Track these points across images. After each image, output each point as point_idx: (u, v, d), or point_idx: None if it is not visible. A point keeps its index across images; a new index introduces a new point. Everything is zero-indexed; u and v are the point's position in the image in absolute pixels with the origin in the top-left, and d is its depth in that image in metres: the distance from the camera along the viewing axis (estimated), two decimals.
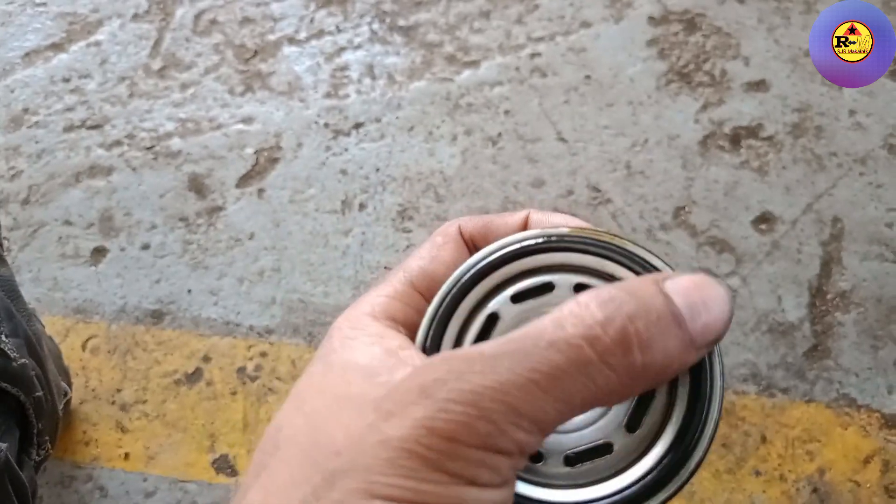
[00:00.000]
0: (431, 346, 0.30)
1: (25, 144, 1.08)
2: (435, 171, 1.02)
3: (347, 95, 1.08)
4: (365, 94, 1.08)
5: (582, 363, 0.25)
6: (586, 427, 0.28)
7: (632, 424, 0.27)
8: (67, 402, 0.82)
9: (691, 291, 0.26)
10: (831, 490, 0.81)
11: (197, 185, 1.03)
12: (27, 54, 1.16)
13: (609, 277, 0.29)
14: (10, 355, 0.67)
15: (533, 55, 1.10)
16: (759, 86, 1.05)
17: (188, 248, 0.98)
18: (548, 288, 0.29)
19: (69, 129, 1.09)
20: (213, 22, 1.16)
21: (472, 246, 0.34)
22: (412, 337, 0.30)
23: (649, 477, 0.26)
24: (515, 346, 0.25)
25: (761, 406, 0.86)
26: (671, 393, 0.27)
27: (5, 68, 1.15)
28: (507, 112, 1.06)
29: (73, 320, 0.94)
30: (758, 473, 0.82)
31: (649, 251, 0.29)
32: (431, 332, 0.30)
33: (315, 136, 1.06)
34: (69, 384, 0.84)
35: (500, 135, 1.04)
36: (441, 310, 0.30)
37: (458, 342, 0.30)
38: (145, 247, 0.99)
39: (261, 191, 1.02)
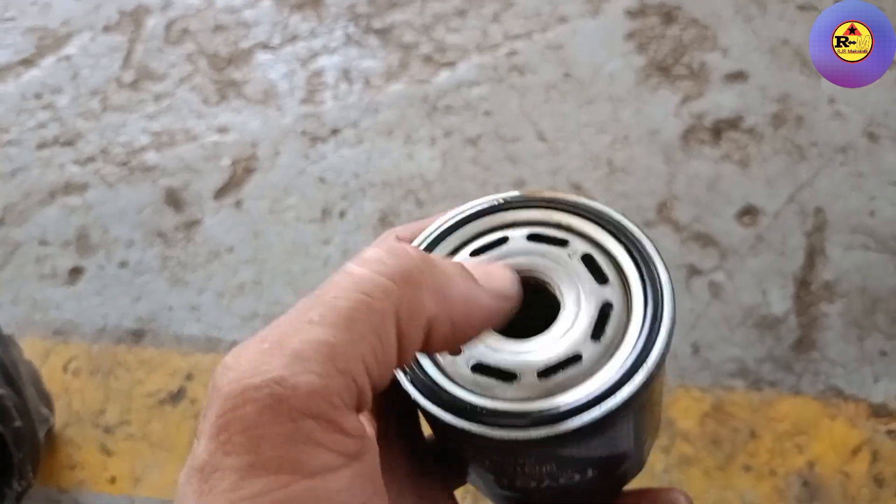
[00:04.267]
0: None
1: None
2: (415, 176, 1.01)
3: (324, 101, 1.07)
4: (342, 100, 1.07)
5: (353, 283, 0.24)
6: (558, 342, 0.29)
7: (596, 333, 0.29)
8: (50, 429, 0.81)
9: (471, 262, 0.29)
10: (821, 483, 0.82)
11: (174, 199, 1.02)
12: None
13: (556, 226, 0.32)
14: None
15: (510, 53, 1.09)
16: (738, 77, 1.04)
17: (167, 264, 0.97)
18: (502, 241, 0.31)
19: (42, 145, 1.07)
20: (185, 31, 1.15)
21: None
22: None
23: (616, 374, 0.28)
24: (299, 302, 0.24)
25: (749, 401, 0.85)
26: (627, 302, 0.30)
27: None
28: (486, 113, 1.05)
29: (53, 342, 0.93)
30: (748, 469, 0.82)
31: (589, 198, 0.32)
32: None
33: (292, 144, 1.05)
34: (51, 409, 0.83)
35: (479, 136, 1.03)
36: None
37: None
38: (123, 264, 0.98)
39: (239, 202, 1.01)
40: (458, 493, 0.34)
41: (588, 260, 0.31)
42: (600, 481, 0.31)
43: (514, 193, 0.32)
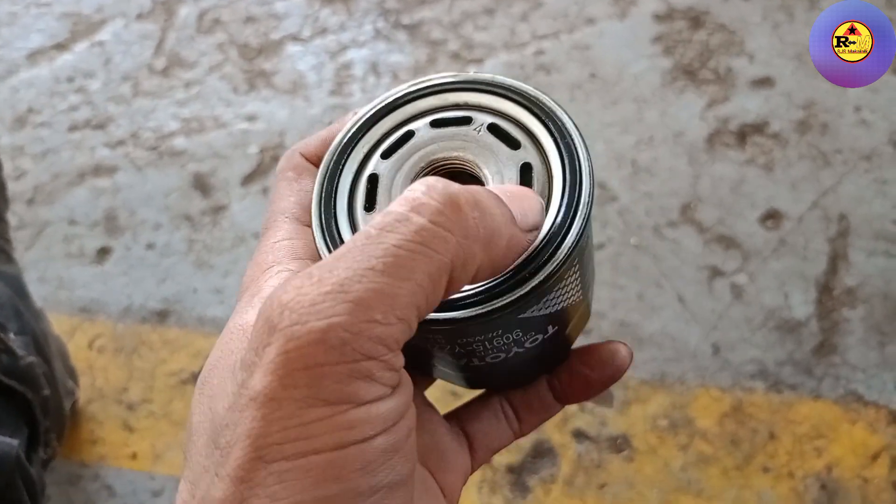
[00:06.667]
0: (327, 228, 0.30)
1: (30, 144, 1.08)
2: None
3: (351, 94, 1.08)
4: (369, 92, 1.08)
5: (413, 232, 0.24)
6: None
7: None
8: (74, 402, 0.82)
9: (509, 190, 0.29)
10: (839, 486, 0.81)
11: (201, 184, 1.03)
12: (32, 54, 1.16)
13: (455, 106, 0.32)
14: (17, 353, 0.67)
15: (537, 53, 1.10)
16: (764, 83, 1.05)
17: (193, 247, 0.98)
18: (409, 135, 0.32)
19: (74, 128, 1.09)
20: (217, 21, 1.16)
21: None
22: None
23: (556, 226, 0.29)
24: (351, 244, 0.24)
25: (769, 403, 0.85)
26: (544, 159, 0.31)
27: (10, 69, 1.15)
28: None
29: (79, 319, 0.94)
30: (766, 470, 0.82)
31: (477, 72, 0.32)
32: (323, 212, 0.31)
33: None
34: (76, 383, 0.84)
35: None
36: (324, 186, 0.31)
37: (350, 214, 0.31)
38: (150, 246, 0.99)
39: (265, 189, 1.02)
40: (475, 479, 0.35)
41: (495, 129, 0.31)
42: (558, 336, 0.32)
43: (404, 87, 0.33)
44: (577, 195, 0.29)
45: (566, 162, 0.30)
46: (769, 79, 1.05)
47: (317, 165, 0.32)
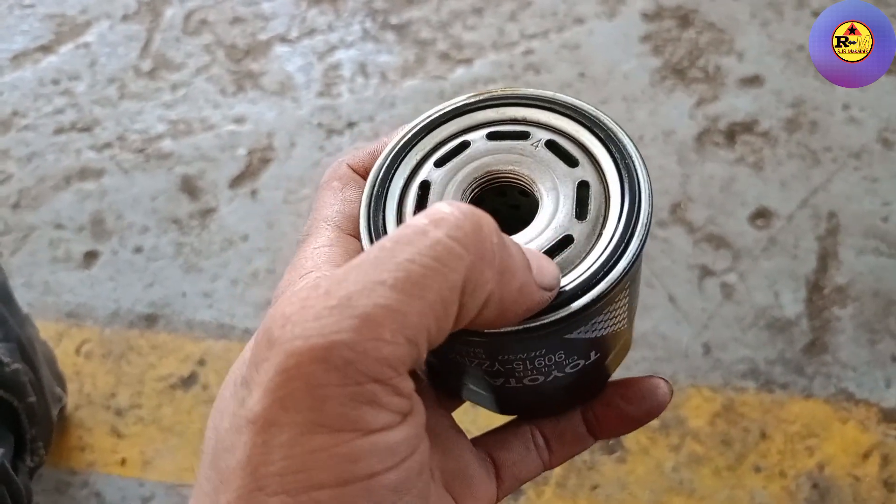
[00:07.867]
0: (374, 230, 0.30)
1: (15, 148, 1.07)
2: None
3: (340, 94, 1.08)
4: (358, 93, 1.07)
5: (428, 247, 0.23)
6: (545, 230, 0.29)
7: (581, 213, 0.29)
8: (62, 409, 0.82)
9: (530, 249, 0.28)
10: (831, 485, 0.81)
11: (189, 187, 1.02)
12: (15, 56, 1.14)
13: (513, 120, 0.32)
14: (2, 360, 0.66)
15: (526, 52, 1.09)
16: (753, 81, 1.05)
17: (181, 251, 0.98)
18: (464, 146, 0.31)
19: (59, 131, 1.08)
20: (204, 22, 1.15)
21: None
22: None
23: (611, 247, 0.28)
24: (365, 256, 0.23)
25: (760, 402, 0.85)
26: (602, 178, 0.30)
27: None
28: None
29: (67, 325, 0.93)
30: (758, 469, 0.82)
31: (537, 88, 0.32)
32: (371, 214, 0.30)
33: (308, 136, 1.05)
34: (64, 390, 0.83)
35: None
36: (375, 189, 0.31)
37: (399, 219, 0.30)
38: (138, 249, 0.98)
39: (254, 192, 1.01)
40: None
41: (552, 146, 0.31)
42: (599, 365, 0.32)
43: (461, 98, 0.32)
44: (635, 216, 0.29)
45: (625, 182, 0.30)
46: (758, 77, 1.05)
47: (363, 176, 0.32)
